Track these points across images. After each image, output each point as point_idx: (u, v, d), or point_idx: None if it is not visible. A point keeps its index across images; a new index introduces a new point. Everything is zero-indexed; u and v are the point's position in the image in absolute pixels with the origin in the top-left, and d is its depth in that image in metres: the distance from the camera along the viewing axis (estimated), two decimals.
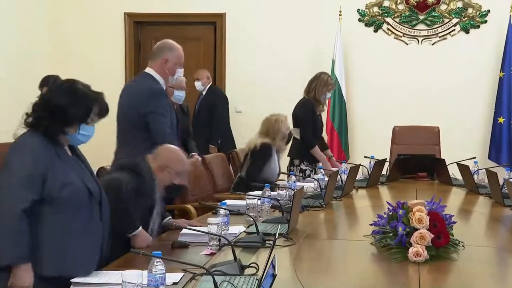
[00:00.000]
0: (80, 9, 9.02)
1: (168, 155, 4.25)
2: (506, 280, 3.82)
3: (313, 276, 3.55)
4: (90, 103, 3.22)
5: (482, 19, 8.88)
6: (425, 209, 3.76)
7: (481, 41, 8.86)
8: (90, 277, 3.12)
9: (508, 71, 8.66)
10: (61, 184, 3.10)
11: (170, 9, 8.79)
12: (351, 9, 8.99)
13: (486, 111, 8.91)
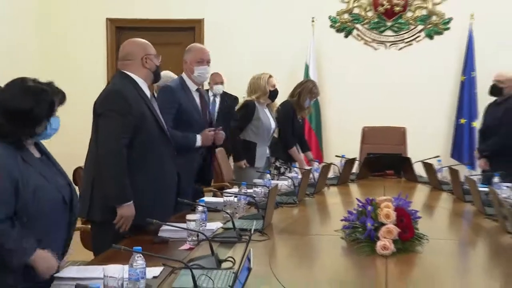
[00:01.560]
0: (65, 14, 8.99)
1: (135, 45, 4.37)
2: (467, 271, 3.89)
3: (287, 270, 3.56)
4: (50, 97, 3.11)
5: (445, 26, 8.97)
6: (392, 205, 3.78)
7: (444, 47, 8.92)
8: (73, 272, 3.11)
9: (469, 75, 8.76)
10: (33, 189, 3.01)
11: (150, 15, 8.82)
12: (323, 16, 9.02)
13: (449, 113, 8.99)
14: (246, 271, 2.80)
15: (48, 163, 3.23)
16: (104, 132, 4.14)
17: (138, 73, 4.35)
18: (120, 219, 4.07)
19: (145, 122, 4.25)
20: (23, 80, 3.10)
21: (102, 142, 4.14)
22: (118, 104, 4.15)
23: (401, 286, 3.34)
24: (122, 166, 4.09)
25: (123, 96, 4.17)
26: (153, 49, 4.47)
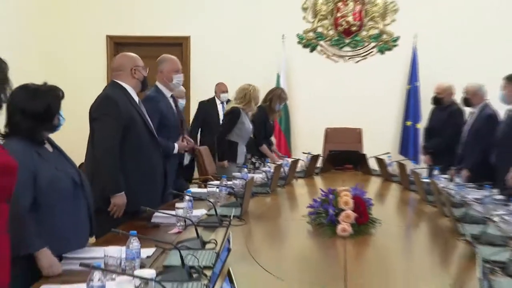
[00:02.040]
0: (67, 31, 8.92)
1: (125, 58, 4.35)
2: (411, 251, 3.91)
3: (261, 250, 3.56)
4: (57, 93, 3.13)
5: (394, 43, 9.00)
6: (350, 194, 3.80)
7: (392, 61, 8.94)
8: (78, 253, 3.09)
9: (413, 84, 8.82)
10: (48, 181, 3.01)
11: (145, 32, 8.78)
12: (292, 34, 9.01)
13: (397, 116, 9.01)
14: (226, 251, 2.79)
15: (59, 156, 3.22)
16: (99, 134, 4.13)
17: (128, 82, 4.34)
18: (113, 207, 4.07)
19: (134, 125, 4.24)
20: (26, 85, 3.09)
21: (97, 142, 4.14)
22: (110, 109, 4.14)
23: (358, 264, 3.34)
24: (115, 162, 4.08)
25: (114, 102, 4.16)
26: (141, 62, 4.46)
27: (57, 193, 3.05)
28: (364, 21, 9.06)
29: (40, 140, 3.10)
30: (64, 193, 3.11)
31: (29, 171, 2.92)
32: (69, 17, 9.00)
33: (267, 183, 5.48)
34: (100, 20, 8.97)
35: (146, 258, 3.03)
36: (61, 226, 3.06)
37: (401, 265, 3.51)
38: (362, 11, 9.05)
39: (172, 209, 4.08)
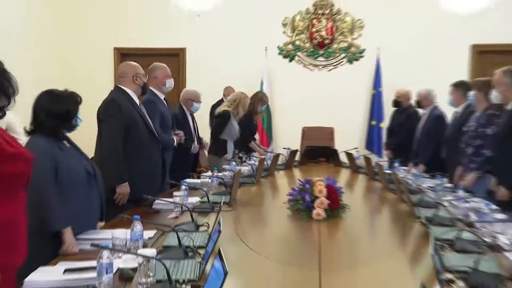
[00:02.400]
0: (81, 43, 8.87)
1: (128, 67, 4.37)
2: (376, 231, 3.94)
3: (247, 231, 3.56)
4: (75, 99, 3.15)
5: (360, 54, 9.00)
6: (323, 183, 3.81)
7: (359, 69, 8.95)
8: (89, 234, 3.09)
9: (377, 89, 8.83)
10: (66, 171, 3.03)
11: (146, 44, 8.74)
12: (273, 46, 9.00)
13: (363, 117, 9.03)
14: (217, 232, 2.80)
15: (75, 151, 3.24)
16: (105, 133, 4.15)
17: (130, 87, 4.34)
18: (118, 196, 4.08)
19: (136, 124, 4.24)
20: (51, 90, 3.12)
21: (103, 140, 4.15)
22: (114, 111, 4.14)
23: (330, 243, 3.35)
24: (119, 157, 4.09)
25: (118, 105, 4.17)
26: (142, 70, 4.47)
27: (73, 182, 3.07)
28: (335, 35, 9.06)
29: (61, 137, 3.15)
30: (80, 181, 3.12)
31: (52, 162, 2.97)
32: (83, 31, 8.93)
33: (252, 174, 5.47)
34: (109, 34, 8.92)
35: (148, 239, 3.03)
36: (76, 210, 3.06)
37: (367, 243, 3.54)
38: (334, 27, 9.05)
39: (170, 197, 4.07)
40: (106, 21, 8.90)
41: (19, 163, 2.41)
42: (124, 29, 8.91)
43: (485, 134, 4.82)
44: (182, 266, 2.60)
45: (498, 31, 8.30)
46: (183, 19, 8.11)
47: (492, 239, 3.15)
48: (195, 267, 2.57)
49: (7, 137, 2.42)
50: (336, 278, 2.65)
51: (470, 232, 3.20)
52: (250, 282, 2.59)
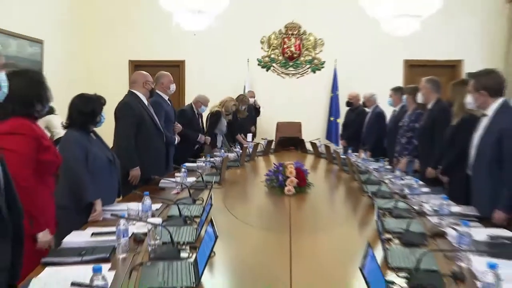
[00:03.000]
0: (103, 56, 8.76)
1: (139, 75, 4.32)
2: (333, 203, 3.97)
3: (233, 204, 3.53)
4: (100, 101, 3.13)
5: (322, 65, 8.97)
6: (293, 166, 3.80)
7: (321, 77, 8.93)
8: (110, 206, 3.07)
9: (335, 93, 8.80)
10: (93, 158, 3.01)
11: (154, 57, 8.64)
12: (254, 58, 8.96)
13: (324, 114, 9.00)
14: (209, 205, 2.78)
15: (99, 142, 3.20)
16: (119, 128, 4.12)
17: (140, 91, 4.29)
18: (131, 177, 4.05)
19: (145, 122, 4.20)
20: (82, 94, 3.12)
21: (118, 134, 4.12)
22: (127, 111, 4.11)
23: (298, 213, 3.35)
24: (132, 147, 4.06)
25: (130, 106, 4.14)
26: (151, 78, 4.43)
27: (98, 166, 3.05)
28: (302, 50, 9.03)
29: (88, 131, 3.12)
30: (103, 166, 3.10)
31: (83, 150, 2.97)
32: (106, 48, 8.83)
33: (237, 159, 5.46)
34: (125, 49, 8.83)
35: (155, 210, 3.02)
36: (100, 188, 3.02)
37: (327, 212, 3.56)
38: (300, 44, 9.02)
39: (173, 177, 4.08)
40: (122, 40, 8.81)
41: (51, 154, 2.50)
42: (136, 45, 8.81)
43: (414, 128, 4.89)
44: (182, 231, 2.59)
45: (423, 50, 8.43)
46: (183, 37, 8.02)
47: (419, 207, 3.20)
48: (193, 232, 2.57)
49: (43, 134, 2.51)
50: (303, 239, 2.66)
51: (403, 202, 3.24)
52: (235, 243, 2.59)
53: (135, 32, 8.78)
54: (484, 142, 3.10)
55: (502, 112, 3.07)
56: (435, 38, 8.29)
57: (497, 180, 2.95)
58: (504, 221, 2.87)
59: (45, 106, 2.53)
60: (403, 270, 2.05)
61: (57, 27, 7.53)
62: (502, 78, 3.19)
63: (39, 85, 2.50)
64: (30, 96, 2.45)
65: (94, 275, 1.64)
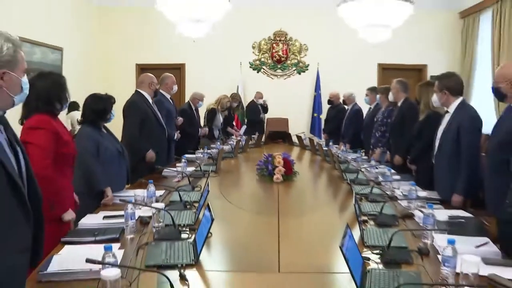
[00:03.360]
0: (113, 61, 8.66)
1: (146, 77, 4.27)
2: (316, 189, 3.96)
3: (228, 190, 3.53)
4: (111, 100, 3.11)
5: (306, 68, 8.96)
6: (281, 157, 3.80)
7: (306, 78, 8.92)
8: (119, 193, 3.05)
9: (318, 92, 8.79)
10: (104, 150, 3.00)
11: (158, 61, 8.55)
12: (246, 61, 8.92)
13: (308, 110, 8.99)
14: (207, 191, 2.78)
15: (110, 136, 3.17)
16: (127, 123, 4.09)
17: (146, 91, 4.26)
18: (148, 158, 4.06)
19: (149, 118, 4.18)
20: (94, 94, 3.11)
21: (126, 128, 4.09)
22: (134, 109, 4.10)
23: (285, 198, 3.35)
24: (137, 140, 4.04)
25: (136, 105, 4.13)
26: (156, 79, 4.39)
27: (109, 158, 3.03)
28: (289, 54, 9.00)
29: (100, 127, 3.10)
30: (113, 157, 3.08)
31: (95, 143, 2.96)
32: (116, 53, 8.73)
33: (231, 151, 5.44)
34: (133, 54, 8.73)
35: (159, 196, 3.01)
36: (111, 177, 3.01)
37: (311, 197, 3.56)
38: (287, 49, 9.00)
39: (174, 166, 4.07)
40: (130, 46, 8.72)
41: (68, 147, 2.52)
42: (143, 50, 8.72)
43: (387, 123, 4.90)
44: (182, 215, 2.59)
45: (394, 55, 8.45)
46: (183, 43, 7.90)
47: (391, 192, 3.21)
48: (192, 216, 2.56)
49: (62, 129, 2.53)
50: (289, 222, 2.67)
51: (378, 188, 3.26)
52: (229, 225, 2.59)
53: (142, 39, 8.70)
54: (445, 136, 3.14)
55: (460, 110, 3.12)
56: (403, 45, 8.31)
57: (456, 169, 2.99)
58: (461, 204, 2.94)
59: (63, 105, 2.54)
60: (377, 248, 2.06)
61: (74, 35, 7.56)
62: (461, 80, 3.25)
63: (60, 87, 2.51)
64: (51, 96, 2.46)
65: (105, 253, 1.65)
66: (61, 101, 2.51)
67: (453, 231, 2.19)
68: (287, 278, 1.84)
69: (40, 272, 1.74)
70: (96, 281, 1.62)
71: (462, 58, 8.24)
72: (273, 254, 2.05)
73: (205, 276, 1.83)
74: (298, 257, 2.06)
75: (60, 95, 2.50)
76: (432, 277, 1.77)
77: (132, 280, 1.69)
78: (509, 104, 2.59)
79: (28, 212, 1.50)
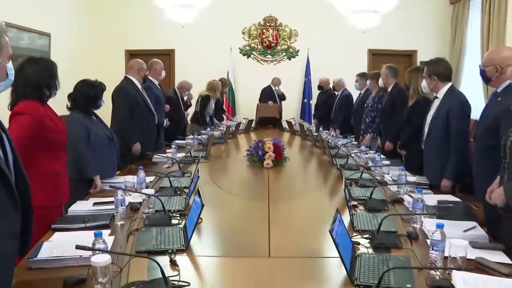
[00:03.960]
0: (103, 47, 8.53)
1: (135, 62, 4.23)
2: (307, 174, 3.98)
3: (218, 175, 3.54)
4: (102, 87, 3.06)
5: (296, 53, 8.93)
6: (271, 142, 3.80)
7: (296, 64, 8.89)
8: (109, 179, 3.02)
9: (308, 78, 8.77)
10: (94, 136, 2.96)
11: (147, 46, 8.43)
12: (236, 47, 8.85)
13: (299, 96, 8.98)
14: (197, 177, 2.77)
15: (99, 122, 3.13)
16: (116, 109, 4.03)
17: (135, 77, 4.20)
18: (134, 151, 3.98)
19: (137, 103, 4.11)
20: (85, 80, 3.05)
21: (115, 114, 4.03)
22: (123, 95, 4.03)
23: (276, 183, 3.34)
24: (127, 126, 3.95)
25: (125, 90, 4.07)
26: (145, 65, 4.33)
27: (99, 144, 3.00)
28: (279, 40, 8.96)
29: (90, 113, 3.06)
30: (103, 144, 3.04)
31: (85, 129, 2.92)
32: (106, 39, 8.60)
33: (221, 136, 5.43)
34: (122, 40, 8.63)
35: (149, 182, 2.98)
36: (101, 163, 2.98)
37: (301, 183, 3.58)
38: (277, 35, 8.94)
39: (164, 152, 4.05)
40: (120, 32, 8.59)
41: (60, 133, 2.52)
42: (132, 36, 8.60)
43: (377, 109, 4.91)
44: (173, 200, 2.58)
45: (385, 40, 8.42)
46: (173, 28, 7.87)
47: (381, 177, 3.23)
48: (182, 201, 2.56)
49: (53, 114, 2.51)
50: (279, 207, 2.67)
51: (367, 173, 3.27)
52: (219, 211, 2.59)
53: (131, 25, 8.56)
54: (434, 121, 3.15)
55: (449, 95, 3.12)
56: (393, 31, 8.30)
57: (445, 155, 3.00)
58: (450, 188, 2.96)
59: (52, 92, 2.50)
60: (367, 232, 2.07)
61: (62, 21, 7.41)
62: (450, 66, 3.24)
63: (50, 73, 2.47)
64: (41, 81, 2.42)
65: (95, 239, 1.64)
66: (50, 88, 2.46)
67: (441, 215, 2.22)
68: (277, 262, 1.85)
69: (30, 259, 1.73)
70: (87, 268, 1.61)
71: (452, 44, 8.28)
72: (263, 239, 2.05)
73: (196, 261, 1.83)
74: (288, 242, 2.06)
75: (49, 81, 2.45)
76: (421, 261, 1.79)
77: (122, 266, 1.68)
78: (495, 89, 2.61)
79: (16, 200, 1.47)
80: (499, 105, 2.42)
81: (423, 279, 1.61)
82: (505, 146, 1.91)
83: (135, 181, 2.76)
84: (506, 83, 2.52)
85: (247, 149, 3.98)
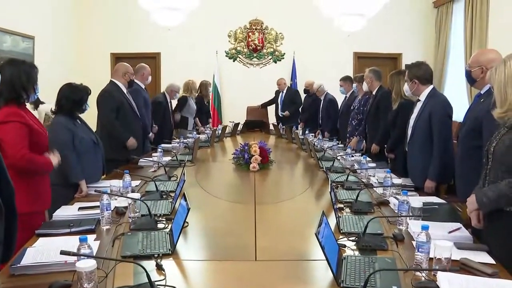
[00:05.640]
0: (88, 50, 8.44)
1: (121, 66, 4.20)
2: (293, 176, 3.99)
3: (204, 179, 3.53)
4: (87, 90, 3.04)
5: (282, 57, 8.94)
6: (257, 145, 3.81)
7: (282, 67, 8.89)
8: (95, 184, 3.01)
9: (294, 81, 8.74)
10: (80, 140, 2.94)
11: (133, 50, 8.39)
12: (222, 50, 8.83)
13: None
14: (183, 181, 2.77)
15: (85, 126, 3.11)
16: (101, 113, 4.01)
17: (120, 81, 4.16)
18: (129, 146, 3.98)
19: (123, 106, 4.08)
20: (70, 83, 3.03)
21: (101, 118, 4.02)
22: (107, 98, 4.01)
23: (262, 186, 3.36)
24: (116, 127, 3.96)
25: (111, 94, 4.04)
26: (131, 69, 4.30)
27: (84, 148, 2.98)
28: (264, 43, 8.96)
29: (75, 117, 3.03)
30: (88, 148, 3.02)
31: (70, 134, 2.90)
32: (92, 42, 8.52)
33: (208, 140, 5.42)
34: (108, 43, 8.56)
35: (135, 187, 2.97)
36: (86, 167, 2.97)
37: (287, 185, 3.59)
38: (263, 38, 8.95)
39: (150, 156, 4.02)
40: (106, 34, 8.53)
41: (42, 136, 2.50)
42: (118, 39, 8.54)
43: (363, 111, 4.95)
44: (159, 204, 2.57)
45: (370, 44, 8.51)
46: (159, 32, 7.85)
47: (367, 180, 3.26)
48: (168, 205, 2.55)
49: (33, 118, 2.51)
50: (266, 210, 2.67)
51: (353, 176, 3.30)
52: (206, 215, 2.59)
53: (116, 28, 8.51)
54: (417, 124, 3.19)
55: (431, 97, 3.16)
56: (378, 34, 8.39)
57: (428, 156, 3.04)
58: (433, 189, 3.00)
59: (29, 95, 2.46)
60: (353, 235, 2.09)
61: (46, 24, 7.31)
62: (430, 69, 3.26)
63: (28, 77, 2.43)
64: (16, 84, 2.39)
65: (80, 244, 1.62)
66: (27, 91, 2.43)
67: (427, 217, 2.24)
68: (264, 266, 1.85)
69: (13, 265, 1.69)
70: (72, 273, 1.59)
71: (436, 46, 8.38)
72: (249, 242, 2.06)
73: (182, 265, 1.82)
74: (275, 245, 2.06)
75: (26, 85, 2.42)
76: (407, 262, 1.81)
77: (108, 271, 1.67)
78: (479, 91, 2.66)
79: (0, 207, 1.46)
80: (481, 107, 2.47)
81: (409, 281, 1.63)
82: (488, 152, 1.94)
83: (121, 185, 2.74)
84: (489, 84, 2.57)
85: (233, 152, 3.98)
